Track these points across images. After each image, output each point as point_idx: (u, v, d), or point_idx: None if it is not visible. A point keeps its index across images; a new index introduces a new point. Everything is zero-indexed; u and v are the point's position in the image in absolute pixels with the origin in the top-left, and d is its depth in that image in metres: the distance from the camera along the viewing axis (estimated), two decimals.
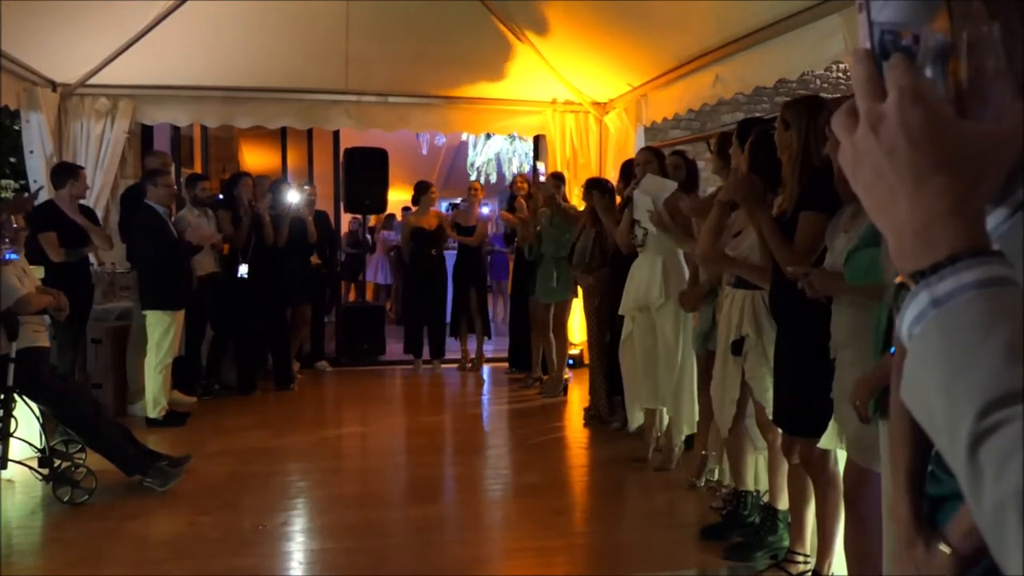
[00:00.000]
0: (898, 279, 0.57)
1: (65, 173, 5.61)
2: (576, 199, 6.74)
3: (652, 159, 4.72)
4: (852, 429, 2.66)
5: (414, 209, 7.91)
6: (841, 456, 2.98)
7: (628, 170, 5.26)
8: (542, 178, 6.50)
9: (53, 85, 6.45)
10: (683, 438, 4.71)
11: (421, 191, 7.72)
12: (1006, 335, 0.50)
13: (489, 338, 7.94)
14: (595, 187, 5.62)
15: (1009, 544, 0.47)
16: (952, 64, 0.59)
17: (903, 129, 0.55)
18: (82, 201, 5.80)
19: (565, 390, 6.73)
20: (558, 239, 6.36)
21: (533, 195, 6.94)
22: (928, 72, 0.58)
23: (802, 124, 3.01)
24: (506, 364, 7.75)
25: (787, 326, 3.12)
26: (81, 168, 5.79)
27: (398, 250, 11.55)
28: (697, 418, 4.53)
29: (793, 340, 3.07)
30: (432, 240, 7.68)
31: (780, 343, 3.18)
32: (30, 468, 4.19)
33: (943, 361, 0.52)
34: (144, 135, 7.25)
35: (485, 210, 8.57)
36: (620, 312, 4.83)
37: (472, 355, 7.89)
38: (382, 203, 8.73)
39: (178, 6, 5.79)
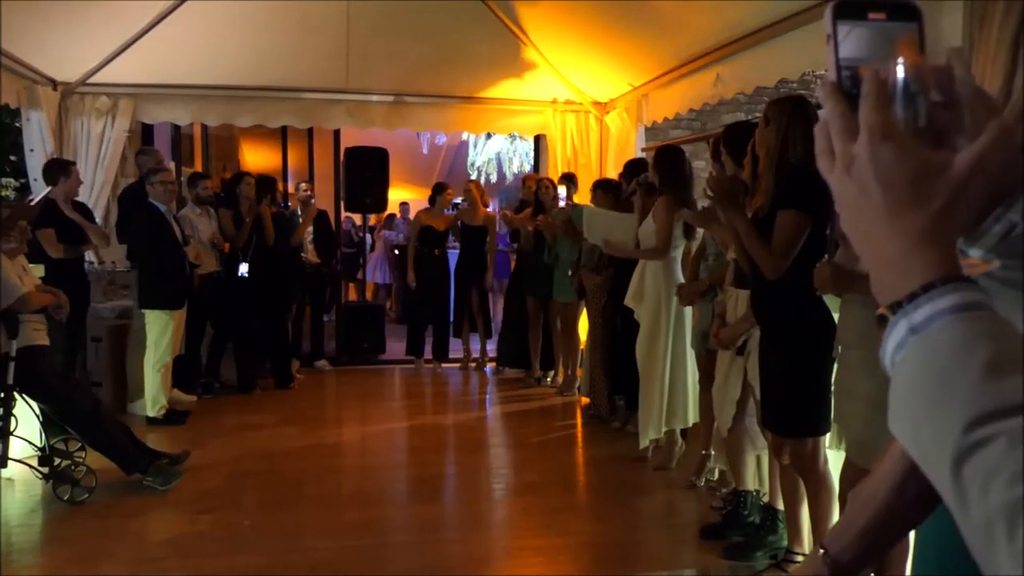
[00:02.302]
0: (879, 311, 0.58)
1: (56, 170, 5.59)
2: (579, 199, 6.74)
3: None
4: (852, 430, 2.66)
5: (420, 208, 7.87)
6: (831, 455, 2.99)
7: (632, 168, 5.27)
8: (562, 203, 6.44)
9: (54, 83, 6.45)
10: (647, 441, 4.70)
11: (438, 192, 7.76)
12: (984, 356, 0.52)
13: (490, 337, 7.94)
14: (600, 189, 5.62)
15: (998, 561, 0.48)
16: (923, 93, 0.59)
17: (873, 168, 0.57)
18: (76, 198, 5.78)
19: (579, 388, 6.71)
20: (571, 243, 6.36)
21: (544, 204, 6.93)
22: (898, 103, 0.59)
23: (781, 122, 3.01)
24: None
25: (770, 327, 3.13)
26: (72, 164, 5.71)
27: (400, 249, 11.57)
28: (679, 423, 4.62)
29: (777, 340, 3.07)
30: (439, 240, 7.70)
31: (764, 344, 3.18)
32: (30, 466, 4.19)
33: (925, 385, 0.54)
34: (144, 134, 7.25)
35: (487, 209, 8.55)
36: (626, 303, 4.86)
37: (474, 354, 7.89)
38: (382, 202, 8.73)
39: (179, 5, 5.79)
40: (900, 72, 0.59)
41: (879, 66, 0.59)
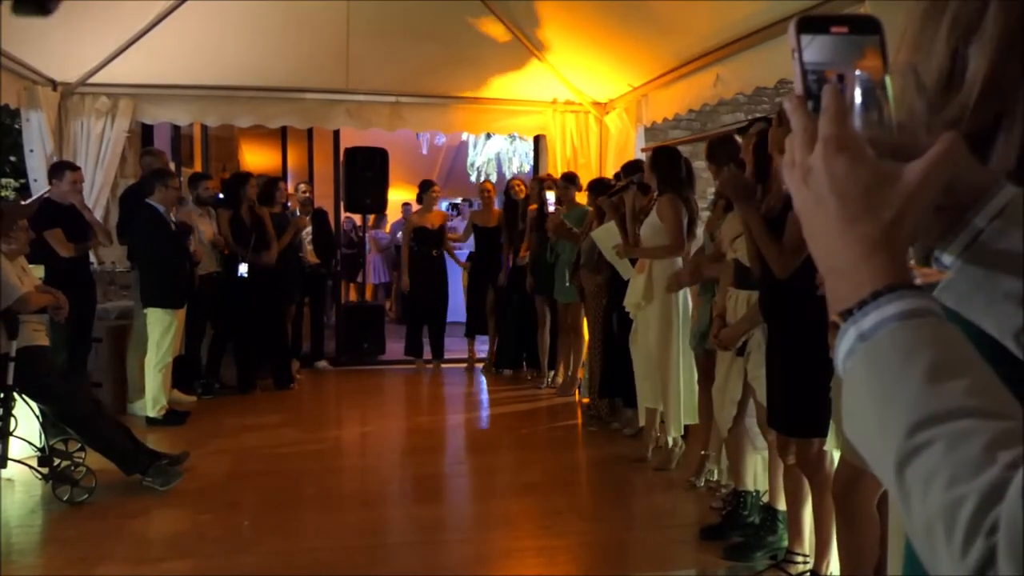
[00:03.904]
0: (831, 318, 0.60)
1: (50, 172, 5.62)
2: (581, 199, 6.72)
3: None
4: None
5: (416, 208, 7.87)
6: (837, 456, 2.98)
7: (629, 170, 5.27)
8: (551, 207, 6.47)
9: (53, 84, 6.45)
10: (672, 438, 4.72)
11: (423, 190, 7.75)
12: (926, 362, 0.53)
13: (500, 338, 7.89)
14: (599, 190, 5.62)
15: (939, 561, 0.50)
16: (881, 103, 0.61)
17: (828, 180, 0.59)
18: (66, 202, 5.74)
19: (581, 389, 6.69)
20: (571, 245, 6.35)
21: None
22: (857, 113, 0.60)
23: None
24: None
25: (779, 326, 3.12)
26: (67, 168, 5.59)
27: (397, 248, 11.55)
28: (688, 420, 4.61)
29: (785, 340, 3.07)
30: (434, 240, 7.69)
31: (772, 344, 3.18)
32: (30, 467, 4.19)
33: (871, 391, 0.56)
34: (144, 134, 7.25)
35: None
36: (624, 305, 4.86)
37: (479, 355, 7.85)
38: (382, 203, 8.73)
39: (178, 5, 5.79)
40: (860, 84, 0.60)
41: (842, 70, 0.60)
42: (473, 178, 13.72)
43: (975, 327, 0.61)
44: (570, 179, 6.62)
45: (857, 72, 0.61)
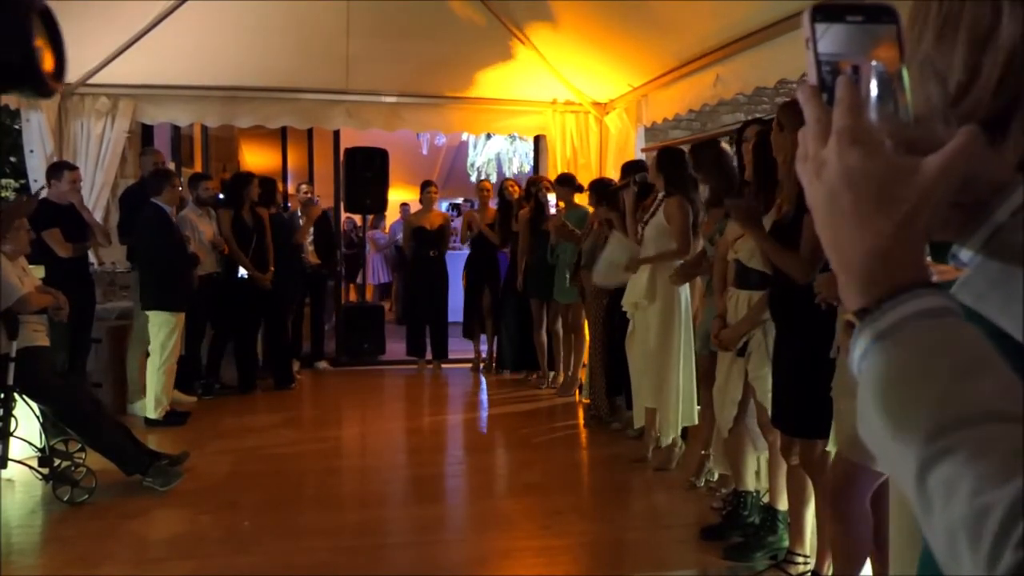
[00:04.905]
0: (846, 317, 0.58)
1: (47, 173, 5.63)
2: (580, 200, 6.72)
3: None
4: (849, 426, 2.66)
5: (414, 208, 7.88)
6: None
7: (628, 171, 5.27)
8: (552, 209, 6.48)
9: None
10: (670, 439, 4.72)
11: (421, 189, 7.76)
12: (945, 364, 0.52)
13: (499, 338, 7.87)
14: (600, 190, 5.62)
15: (963, 568, 0.48)
16: (897, 94, 0.59)
17: (841, 173, 0.57)
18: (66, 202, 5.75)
19: (581, 389, 6.69)
20: (572, 246, 6.34)
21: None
22: (872, 105, 0.58)
23: (796, 125, 3.01)
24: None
25: (787, 327, 3.13)
26: (65, 168, 5.60)
27: (396, 248, 11.56)
28: (685, 422, 4.63)
29: (793, 341, 3.07)
30: (433, 240, 7.68)
31: (780, 344, 3.18)
32: (30, 467, 4.19)
33: (888, 393, 0.54)
34: (144, 134, 7.25)
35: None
36: (622, 305, 4.85)
37: (484, 356, 7.85)
38: (382, 203, 8.73)
39: (178, 6, 5.80)
40: (876, 75, 0.59)
41: (858, 61, 0.59)
42: (473, 178, 13.72)
43: (993, 325, 0.59)
44: (566, 180, 6.62)
45: (873, 63, 0.59)
